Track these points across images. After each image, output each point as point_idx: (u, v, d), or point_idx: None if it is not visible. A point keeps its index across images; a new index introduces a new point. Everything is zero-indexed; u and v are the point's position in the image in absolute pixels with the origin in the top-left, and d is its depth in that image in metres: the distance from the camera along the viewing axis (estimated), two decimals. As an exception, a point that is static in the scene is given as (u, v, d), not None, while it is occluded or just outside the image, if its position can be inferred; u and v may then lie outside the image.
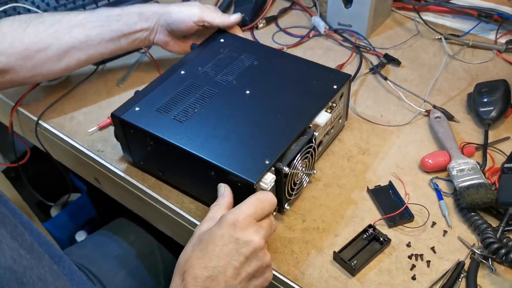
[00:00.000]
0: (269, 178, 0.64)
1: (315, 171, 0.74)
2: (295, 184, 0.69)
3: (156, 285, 0.91)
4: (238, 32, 0.90)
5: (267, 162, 0.64)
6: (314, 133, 0.69)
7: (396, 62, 0.97)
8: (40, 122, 0.91)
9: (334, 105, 0.75)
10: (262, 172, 0.63)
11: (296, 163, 0.67)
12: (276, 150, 0.66)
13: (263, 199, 0.60)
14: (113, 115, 0.74)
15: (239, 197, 0.63)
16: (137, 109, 0.74)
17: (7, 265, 0.44)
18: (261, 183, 0.63)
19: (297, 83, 0.77)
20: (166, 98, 0.75)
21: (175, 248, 0.92)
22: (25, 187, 1.50)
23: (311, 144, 0.69)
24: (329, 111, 0.74)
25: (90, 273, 0.85)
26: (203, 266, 0.55)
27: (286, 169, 0.64)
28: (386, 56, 0.98)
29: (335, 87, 0.75)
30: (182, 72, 0.80)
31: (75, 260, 0.88)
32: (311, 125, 0.71)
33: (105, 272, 0.86)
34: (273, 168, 0.65)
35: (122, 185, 0.82)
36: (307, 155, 0.69)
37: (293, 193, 0.70)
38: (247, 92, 0.75)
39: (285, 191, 0.68)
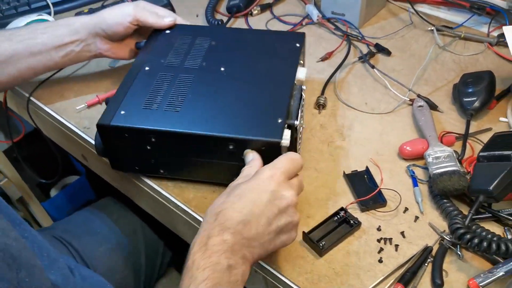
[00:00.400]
0: (288, 134, 0.65)
1: (304, 125, 0.76)
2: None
3: (137, 262, 0.92)
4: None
5: (280, 121, 0.66)
6: (302, 87, 0.73)
7: (386, 51, 0.97)
8: (32, 98, 0.93)
9: (301, 61, 0.79)
10: (281, 130, 0.65)
11: (300, 117, 0.69)
12: (281, 108, 0.68)
13: (293, 157, 0.62)
14: (101, 125, 0.69)
15: (264, 161, 0.64)
16: (122, 112, 0.69)
17: None
18: (282, 141, 0.64)
19: (262, 51, 0.79)
20: (146, 95, 0.72)
21: (159, 228, 0.94)
22: (27, 168, 1.53)
23: (303, 97, 0.72)
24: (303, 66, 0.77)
25: (71, 246, 0.87)
26: (238, 210, 0.57)
27: (296, 122, 0.67)
28: (377, 45, 0.98)
29: (297, 45, 0.79)
30: (147, 68, 0.77)
31: (58, 234, 0.90)
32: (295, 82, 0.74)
33: (86, 247, 0.88)
34: (286, 125, 0.67)
35: (105, 161, 0.83)
36: (303, 108, 0.72)
37: (299, 147, 0.73)
38: (222, 69, 0.76)
39: (296, 146, 0.70)
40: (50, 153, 1.19)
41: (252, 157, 0.65)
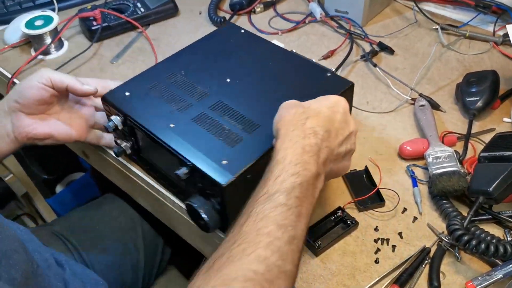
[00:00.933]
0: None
1: None
2: None
3: (135, 259, 0.92)
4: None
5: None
6: None
7: (389, 50, 0.95)
8: (33, 94, 0.93)
9: None
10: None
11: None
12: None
13: None
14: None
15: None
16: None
17: None
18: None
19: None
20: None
21: (158, 225, 0.93)
22: (33, 164, 1.54)
23: None
24: None
25: (70, 243, 0.87)
26: (322, 120, 0.58)
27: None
28: (380, 44, 0.97)
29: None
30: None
31: (58, 231, 0.90)
32: None
33: (84, 244, 0.88)
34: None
35: (105, 158, 0.84)
36: None
37: None
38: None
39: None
40: (56, 150, 1.19)
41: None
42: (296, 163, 0.54)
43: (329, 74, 0.74)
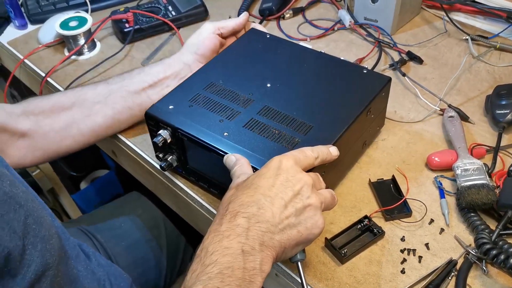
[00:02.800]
0: None
1: None
2: None
3: (158, 257, 0.94)
4: (259, 27, 0.90)
5: None
6: None
7: (418, 59, 0.95)
8: (66, 93, 0.95)
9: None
10: None
11: None
12: None
13: (304, 149, 0.60)
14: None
15: None
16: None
17: None
18: None
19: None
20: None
21: (181, 224, 0.95)
22: (60, 160, 1.57)
23: None
24: None
25: (95, 239, 0.89)
26: (250, 195, 0.55)
27: None
28: (409, 53, 0.97)
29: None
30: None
31: (84, 227, 0.92)
32: None
33: (108, 241, 0.90)
34: None
35: (134, 158, 0.85)
36: None
37: None
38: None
39: None
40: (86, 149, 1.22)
41: (235, 158, 0.63)
42: (212, 251, 0.51)
43: (365, 71, 0.76)
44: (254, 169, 0.62)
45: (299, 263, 0.58)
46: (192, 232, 0.91)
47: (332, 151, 0.63)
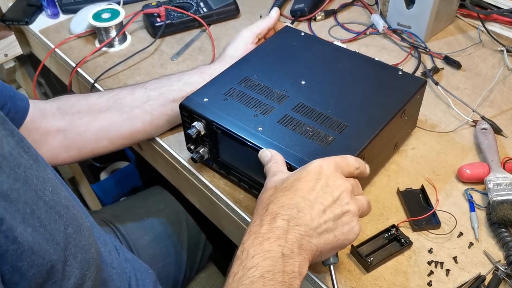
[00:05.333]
0: None
1: None
2: None
3: (179, 252, 0.94)
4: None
5: None
6: None
7: (456, 65, 0.94)
8: (96, 85, 0.96)
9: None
10: None
11: None
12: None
13: (346, 156, 0.61)
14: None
15: None
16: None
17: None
18: None
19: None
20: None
21: (202, 220, 0.95)
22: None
23: None
24: None
25: (118, 232, 0.90)
26: (290, 197, 0.55)
27: None
28: (446, 58, 0.95)
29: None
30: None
31: (107, 218, 0.93)
32: None
33: (132, 234, 0.90)
34: None
35: (160, 153, 0.85)
36: None
37: None
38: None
39: None
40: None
41: (271, 153, 0.63)
42: (254, 255, 0.51)
43: (400, 73, 0.76)
44: (288, 166, 0.62)
45: (331, 266, 0.58)
46: (212, 230, 0.90)
47: (367, 168, 0.62)
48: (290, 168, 0.63)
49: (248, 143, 0.66)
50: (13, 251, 0.43)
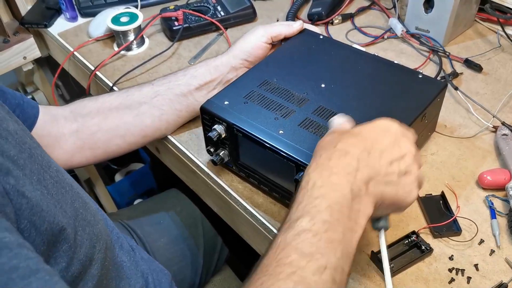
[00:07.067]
0: None
1: None
2: None
3: (195, 255, 0.94)
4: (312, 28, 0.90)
5: None
6: None
7: (478, 68, 0.94)
8: (114, 88, 0.97)
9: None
10: None
11: None
12: None
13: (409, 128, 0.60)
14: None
15: None
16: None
17: None
18: None
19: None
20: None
21: (218, 223, 0.95)
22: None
23: None
24: None
25: (135, 234, 0.90)
26: (359, 140, 0.55)
27: None
28: (467, 61, 0.95)
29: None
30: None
31: (124, 220, 0.93)
32: None
33: (148, 236, 0.91)
34: None
35: (178, 156, 0.86)
36: None
37: None
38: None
39: None
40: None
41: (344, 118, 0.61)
42: (321, 185, 0.51)
43: (420, 76, 0.76)
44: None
45: (382, 231, 0.58)
46: (229, 233, 0.91)
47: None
48: None
49: (269, 146, 0.67)
50: (25, 205, 0.44)
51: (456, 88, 0.89)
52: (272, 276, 0.44)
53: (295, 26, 0.86)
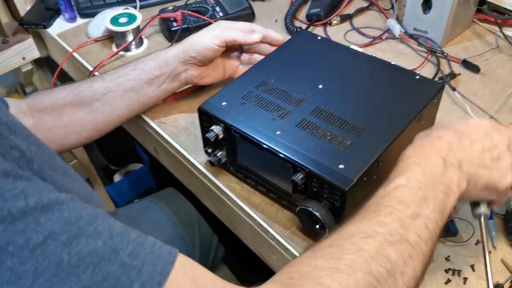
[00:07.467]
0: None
1: None
2: None
3: (191, 254, 0.95)
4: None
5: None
6: None
7: (475, 68, 0.94)
8: (113, 88, 0.97)
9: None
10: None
11: None
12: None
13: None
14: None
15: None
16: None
17: None
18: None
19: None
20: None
21: (215, 223, 0.95)
22: (95, 151, 1.60)
23: None
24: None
25: (132, 232, 0.90)
26: (450, 129, 0.59)
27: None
28: (465, 62, 0.95)
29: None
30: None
31: (121, 219, 0.93)
32: None
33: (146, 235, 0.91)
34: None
35: (177, 157, 0.86)
36: None
37: None
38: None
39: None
40: (119, 141, 1.23)
41: None
42: (415, 156, 0.55)
43: (418, 77, 0.76)
44: (307, 169, 0.63)
45: (482, 217, 0.59)
46: (225, 232, 0.91)
47: None
48: (309, 172, 0.63)
49: (267, 147, 0.67)
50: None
51: (453, 89, 0.89)
52: (373, 213, 0.51)
53: (253, 37, 0.85)
